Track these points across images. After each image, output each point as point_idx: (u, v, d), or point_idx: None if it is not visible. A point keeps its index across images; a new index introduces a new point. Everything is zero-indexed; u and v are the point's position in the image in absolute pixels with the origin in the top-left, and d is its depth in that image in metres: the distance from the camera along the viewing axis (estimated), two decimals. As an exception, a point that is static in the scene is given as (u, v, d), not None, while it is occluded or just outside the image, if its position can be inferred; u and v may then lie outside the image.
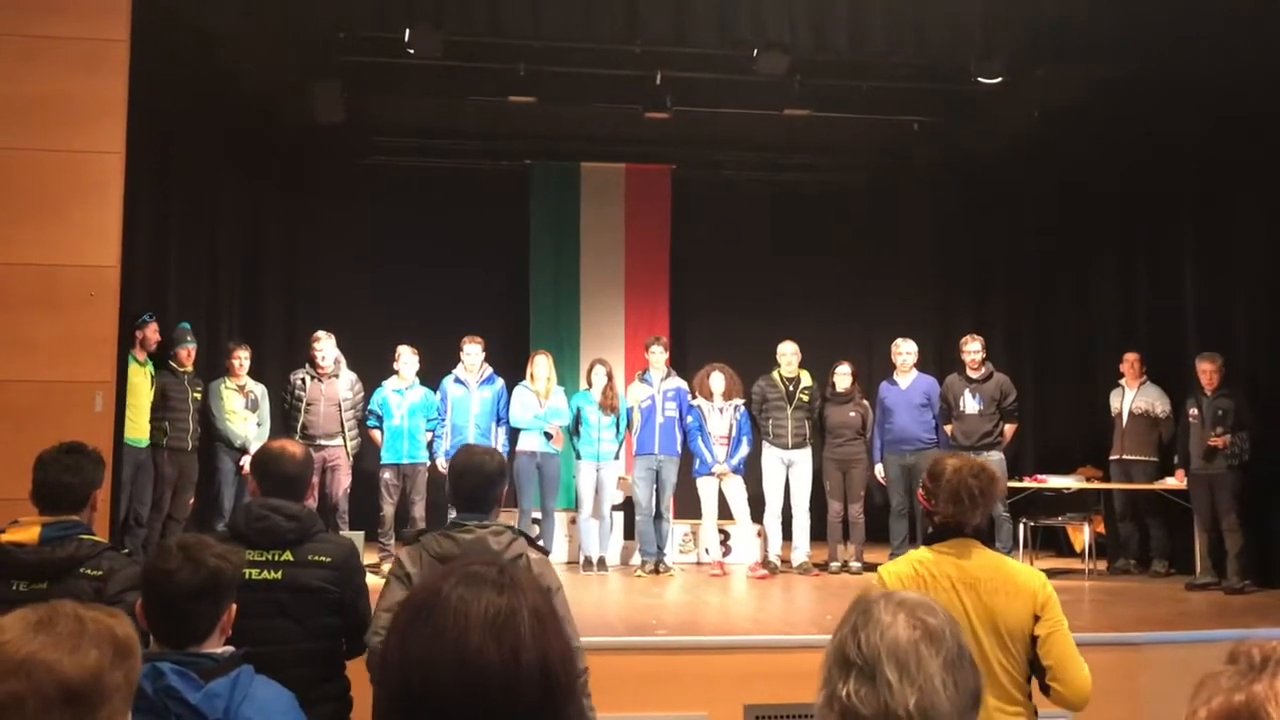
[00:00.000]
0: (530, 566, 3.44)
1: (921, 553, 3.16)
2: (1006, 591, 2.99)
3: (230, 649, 2.45)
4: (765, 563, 8.89)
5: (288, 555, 3.36)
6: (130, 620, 1.75)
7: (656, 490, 8.85)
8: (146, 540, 7.52)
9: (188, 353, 8.09)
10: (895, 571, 3.16)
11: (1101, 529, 9.26)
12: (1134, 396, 8.96)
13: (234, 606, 2.53)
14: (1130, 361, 9.03)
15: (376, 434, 8.78)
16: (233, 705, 2.23)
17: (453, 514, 3.50)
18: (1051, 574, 8.80)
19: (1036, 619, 2.95)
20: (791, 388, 9.00)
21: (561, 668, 1.29)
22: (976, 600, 2.99)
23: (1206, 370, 8.09)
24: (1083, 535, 8.96)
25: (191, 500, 8.13)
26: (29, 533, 3.15)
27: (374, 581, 3.88)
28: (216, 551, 2.50)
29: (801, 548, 8.89)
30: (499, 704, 1.24)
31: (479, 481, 3.63)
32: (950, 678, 1.39)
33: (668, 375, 9.10)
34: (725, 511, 8.99)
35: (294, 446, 3.68)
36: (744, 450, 8.88)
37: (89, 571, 3.10)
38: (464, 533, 3.51)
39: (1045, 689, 2.93)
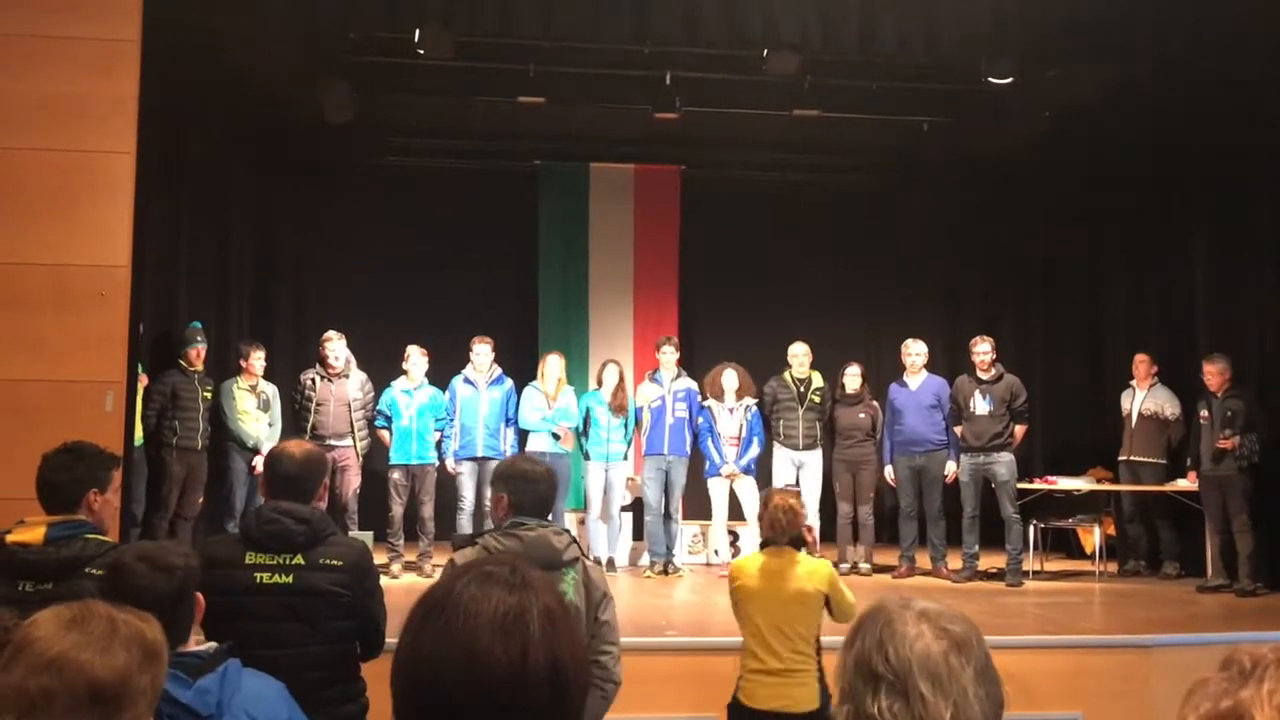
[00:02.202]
0: (587, 571, 3.48)
1: (758, 554, 4.58)
2: (803, 577, 4.39)
3: (214, 645, 2.45)
4: (774, 564, 8.86)
5: (299, 559, 3.34)
6: (160, 624, 1.76)
7: (665, 491, 8.84)
8: (144, 537, 7.56)
9: (197, 353, 8.10)
10: (745, 566, 4.57)
11: (1112, 531, 9.22)
12: (1143, 398, 8.93)
13: (201, 598, 2.53)
14: (1140, 362, 9.00)
15: (385, 434, 8.78)
16: (224, 699, 2.24)
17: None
18: (1062, 576, 8.86)
19: (825, 594, 4.38)
20: (803, 388, 8.98)
21: (573, 669, 1.28)
22: (789, 583, 4.38)
23: (1212, 372, 8.05)
24: (1093, 537, 8.93)
25: (200, 500, 8.14)
26: (34, 533, 3.14)
27: (385, 583, 3.88)
28: (179, 552, 2.51)
29: (811, 549, 8.87)
30: (507, 703, 1.23)
31: (550, 490, 3.64)
32: (982, 689, 1.36)
33: (678, 375, 9.09)
34: (736, 512, 8.98)
35: (295, 447, 3.63)
36: (754, 450, 8.86)
37: (95, 572, 3.09)
38: (526, 530, 3.50)
39: (831, 614, 4.43)
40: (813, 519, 8.86)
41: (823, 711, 4.32)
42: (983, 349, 8.67)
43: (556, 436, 8.77)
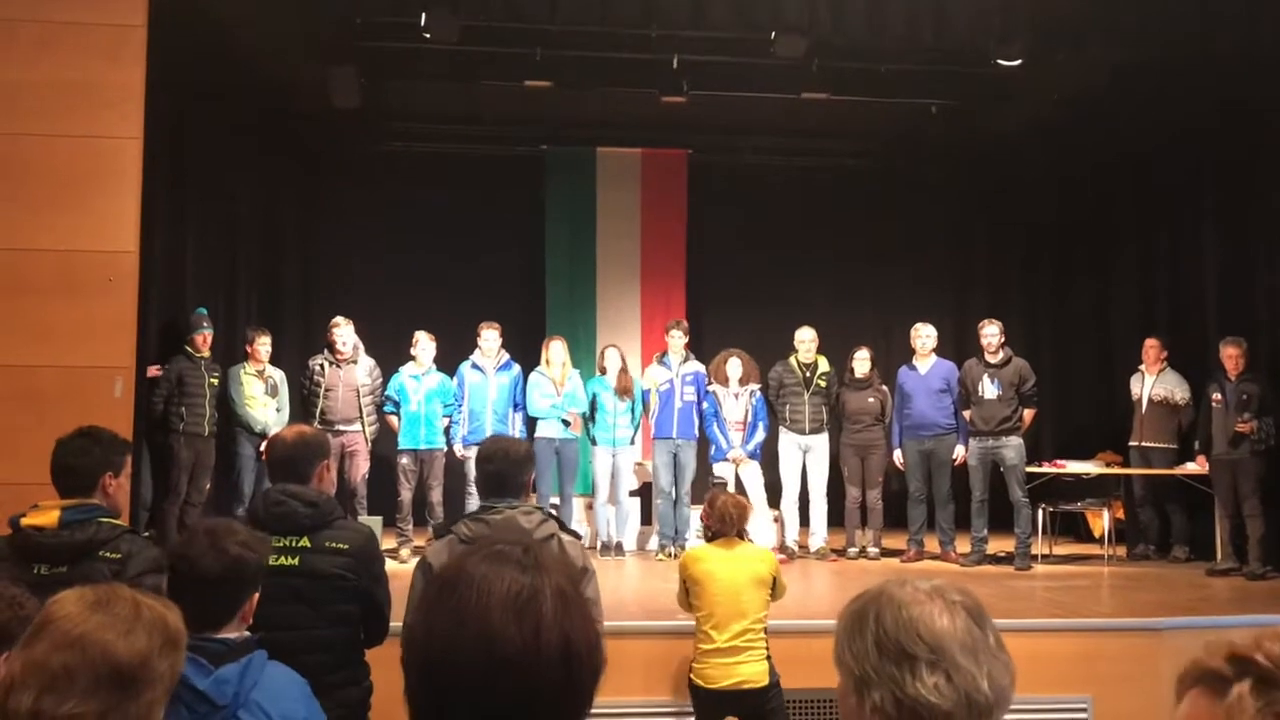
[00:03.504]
0: (563, 547, 3.44)
1: (709, 545, 4.92)
2: (756, 560, 4.83)
3: (244, 634, 2.45)
4: (783, 548, 8.87)
5: (305, 542, 3.37)
6: (180, 613, 1.78)
7: (675, 474, 8.84)
8: (152, 522, 7.61)
9: (204, 338, 8.11)
10: (694, 553, 4.99)
11: (1121, 514, 9.21)
12: (1153, 383, 8.90)
13: (256, 595, 2.54)
14: (1150, 347, 8.97)
15: (393, 419, 8.79)
16: (243, 691, 2.24)
17: (470, 504, 3.52)
18: (1071, 559, 8.85)
19: (774, 578, 4.81)
20: (809, 373, 8.96)
21: (586, 649, 1.28)
22: (743, 567, 4.76)
23: (1232, 355, 8.02)
24: (1102, 521, 8.92)
25: (208, 485, 8.16)
26: (48, 516, 3.15)
27: (390, 567, 3.89)
28: (241, 540, 2.51)
29: (819, 533, 8.87)
30: (519, 682, 1.23)
31: (505, 467, 3.62)
32: (1003, 653, 1.36)
33: (686, 359, 9.08)
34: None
35: (289, 431, 3.73)
36: (760, 435, 8.86)
37: (108, 554, 3.10)
38: (493, 514, 3.49)
39: (772, 595, 4.85)
40: (819, 503, 8.88)
41: (772, 687, 4.71)
42: (990, 331, 8.65)
43: (566, 423, 8.77)
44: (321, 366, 8.62)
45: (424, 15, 8.11)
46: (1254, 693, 1.05)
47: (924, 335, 8.93)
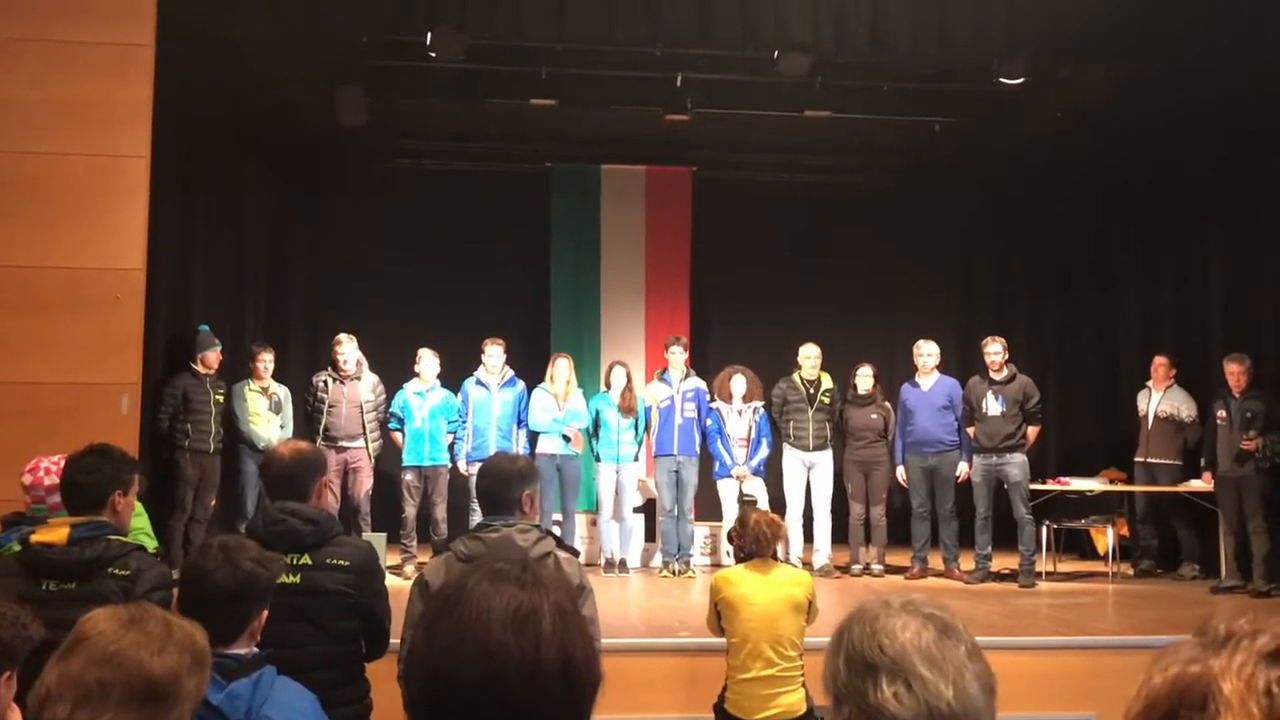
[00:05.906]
0: (560, 565, 3.44)
1: (742, 568, 4.73)
2: (792, 584, 4.65)
3: (254, 650, 2.47)
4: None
5: (306, 559, 3.37)
6: (206, 633, 1.83)
7: (677, 491, 8.84)
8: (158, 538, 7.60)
9: (216, 356, 8.12)
10: (727, 575, 4.77)
11: (1125, 531, 9.19)
12: (1160, 399, 8.89)
13: (265, 613, 2.56)
14: (1159, 364, 8.96)
15: (398, 436, 8.81)
16: (254, 706, 2.26)
17: (475, 520, 3.54)
18: (1075, 577, 8.83)
19: (810, 601, 4.63)
20: (812, 390, 8.97)
21: (585, 665, 1.30)
22: (779, 591, 4.58)
23: (1234, 371, 8.02)
24: (1106, 538, 8.90)
25: (214, 501, 8.17)
26: (58, 533, 3.17)
27: (394, 583, 3.90)
28: (253, 556, 2.54)
29: (823, 550, 8.86)
30: (520, 698, 1.25)
31: (494, 484, 3.61)
32: (974, 667, 1.38)
33: (687, 375, 9.09)
34: (746, 514, 8.96)
35: (284, 447, 3.73)
36: (763, 452, 8.87)
37: (117, 571, 3.12)
38: (490, 532, 3.50)
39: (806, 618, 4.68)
40: (824, 520, 8.88)
41: (808, 715, 4.50)
42: (994, 349, 8.66)
43: (567, 439, 8.78)
44: (325, 383, 8.65)
45: (430, 34, 8.16)
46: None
47: (925, 353, 8.94)
